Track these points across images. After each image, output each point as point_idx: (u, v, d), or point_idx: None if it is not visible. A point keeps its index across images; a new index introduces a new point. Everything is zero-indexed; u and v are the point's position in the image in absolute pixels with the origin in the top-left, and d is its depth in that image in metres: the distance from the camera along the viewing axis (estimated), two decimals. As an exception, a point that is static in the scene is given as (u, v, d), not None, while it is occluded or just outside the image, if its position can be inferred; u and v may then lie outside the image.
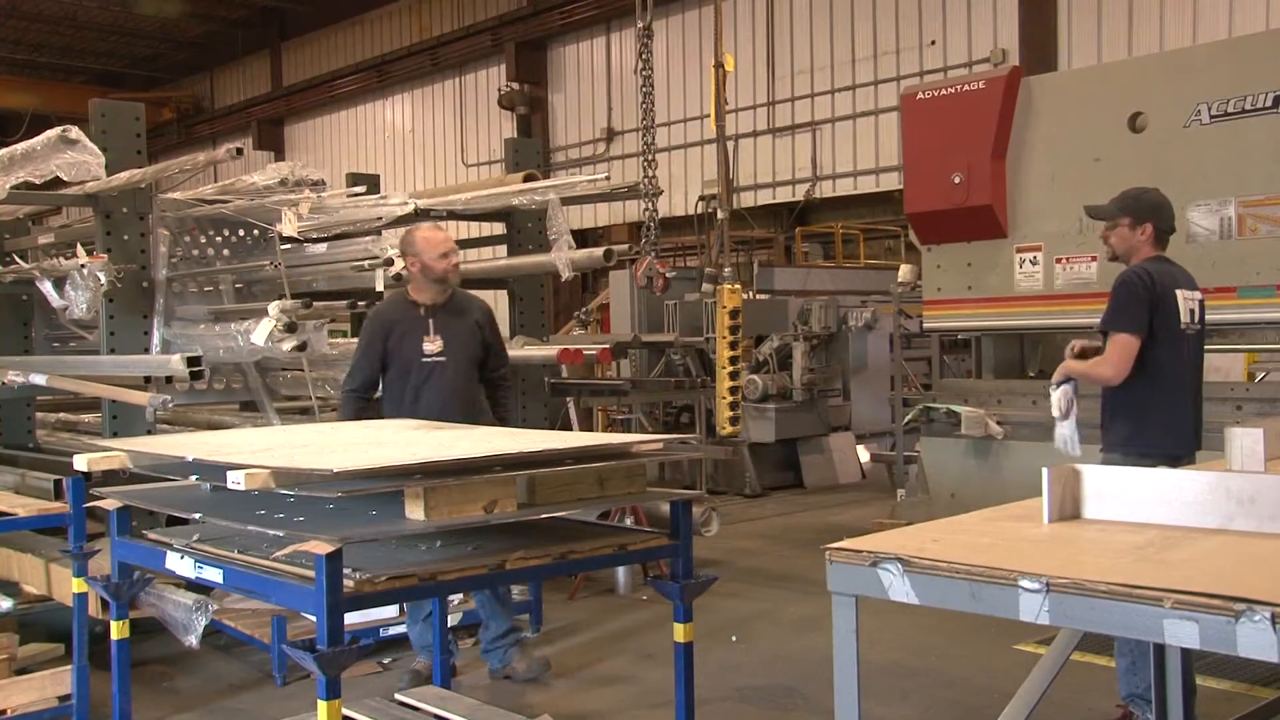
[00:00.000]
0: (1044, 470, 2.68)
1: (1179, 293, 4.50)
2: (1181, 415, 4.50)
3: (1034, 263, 6.87)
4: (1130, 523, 2.62)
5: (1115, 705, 4.60)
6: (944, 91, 7.26)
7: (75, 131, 5.41)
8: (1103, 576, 2.04)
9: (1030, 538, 2.54)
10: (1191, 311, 4.54)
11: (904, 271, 9.43)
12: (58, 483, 5.90)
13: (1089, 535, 2.55)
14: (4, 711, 4.80)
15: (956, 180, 6.99)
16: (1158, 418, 4.43)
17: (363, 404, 5.09)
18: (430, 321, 5.13)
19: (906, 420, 8.63)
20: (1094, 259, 6.54)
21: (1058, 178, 6.78)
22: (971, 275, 7.16)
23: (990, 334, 7.31)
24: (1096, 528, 2.62)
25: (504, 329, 8.12)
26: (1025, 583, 2.08)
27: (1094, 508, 2.71)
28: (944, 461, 7.30)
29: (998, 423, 6.97)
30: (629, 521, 6.49)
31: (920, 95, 7.39)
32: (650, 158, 9.19)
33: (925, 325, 7.72)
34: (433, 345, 5.10)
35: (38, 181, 5.57)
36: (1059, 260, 6.76)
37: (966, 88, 7.14)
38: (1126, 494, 2.67)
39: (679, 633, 3.55)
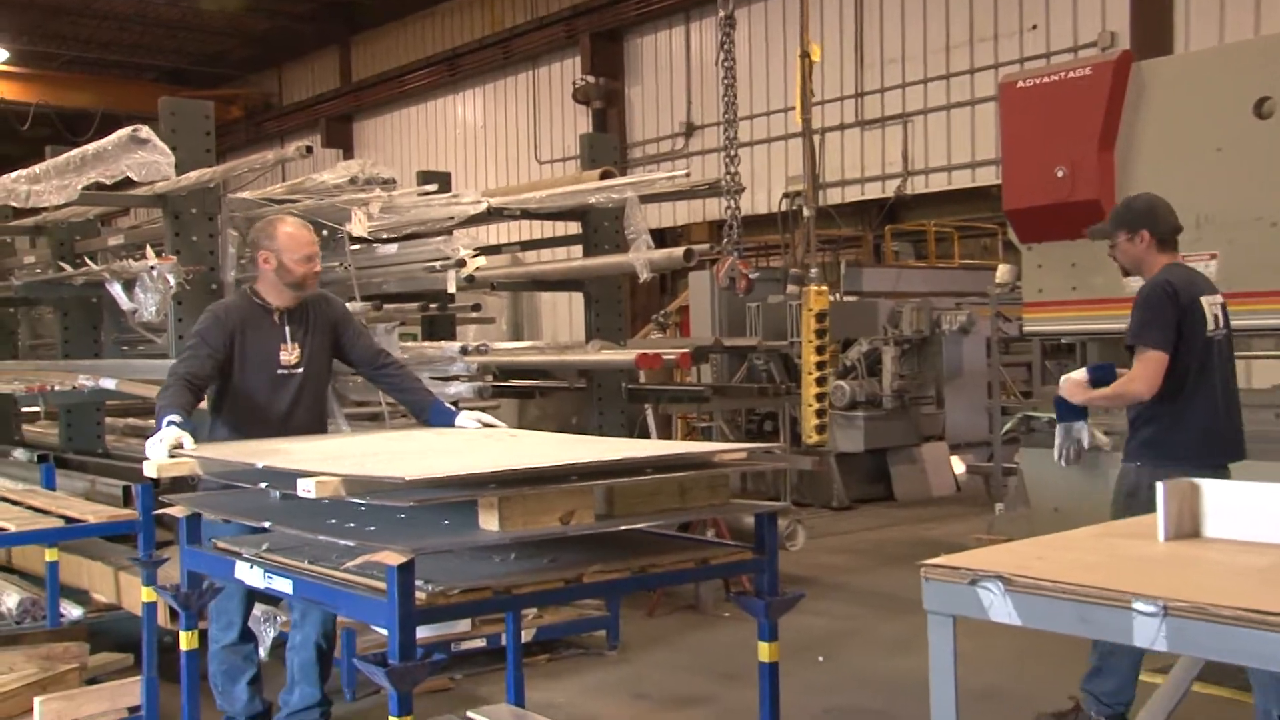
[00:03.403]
0: (1159, 484, 2.62)
1: (1203, 299, 4.58)
2: (1214, 423, 4.56)
3: (1145, 262, 6.73)
4: (1254, 543, 2.55)
5: (1069, 696, 4.78)
6: (1046, 79, 7.15)
7: (146, 131, 5.55)
8: (1227, 600, 1.98)
9: (1144, 556, 2.48)
10: (1216, 317, 4.62)
11: (1002, 272, 9.30)
12: (126, 489, 6.05)
13: (1209, 555, 2.49)
14: (73, 722, 4.92)
15: (1060, 174, 6.88)
16: (1188, 427, 4.51)
17: (195, 394, 4.40)
18: (286, 329, 4.65)
19: (1005, 429, 8.49)
20: (1213, 256, 6.39)
21: (1173, 170, 6.63)
22: (1076, 275, 7.04)
23: (1096, 338, 7.18)
24: (1217, 547, 2.55)
25: (579, 332, 8.18)
26: (1140, 605, 2.03)
27: (1214, 525, 2.64)
28: (1046, 474, 7.17)
29: (1105, 433, 6.82)
30: (710, 534, 6.48)
31: (1020, 83, 7.28)
32: (732, 153, 9.16)
33: (1025, 329, 7.62)
34: (289, 355, 4.64)
35: (108, 182, 5.72)
36: (1174, 259, 6.61)
37: (1071, 74, 7.02)
38: (1250, 511, 2.60)
39: (763, 652, 3.52)
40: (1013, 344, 11.98)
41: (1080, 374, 4.82)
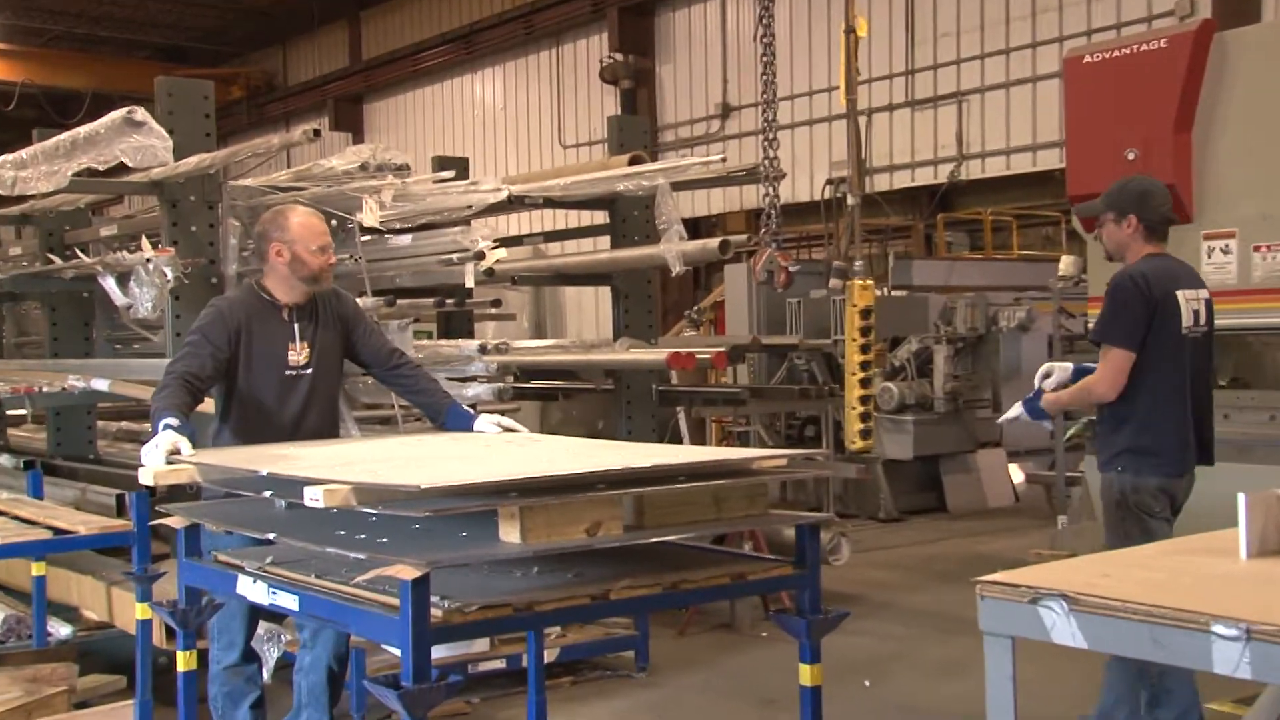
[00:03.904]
0: (1240, 496, 2.60)
1: (1180, 294, 4.62)
2: (1184, 426, 4.63)
3: (1225, 251, 6.67)
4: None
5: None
6: (1117, 53, 7.09)
7: (141, 113, 5.58)
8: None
9: (1224, 575, 2.46)
10: (1196, 313, 4.66)
11: (1065, 264, 9.26)
12: (120, 498, 6.10)
13: (1297, 573, 2.47)
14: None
15: (1131, 157, 6.83)
16: (1161, 430, 4.58)
17: (194, 395, 4.38)
18: (295, 327, 4.64)
19: (1068, 435, 8.44)
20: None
21: (1259, 151, 6.56)
22: (1147, 268, 6.99)
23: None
24: (1305, 564, 2.53)
25: (606, 330, 8.18)
26: (1220, 628, 2.01)
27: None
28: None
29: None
30: (747, 548, 6.47)
31: (1088, 58, 7.23)
32: (771, 136, 9.17)
33: (1090, 326, 7.56)
34: (299, 355, 4.63)
35: (100, 168, 5.76)
36: (1257, 248, 6.55)
37: (1145, 47, 6.96)
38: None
39: (805, 675, 3.52)
40: (1077, 342, 11.88)
41: (1055, 372, 4.96)
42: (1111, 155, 6.92)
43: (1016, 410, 5.05)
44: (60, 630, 5.99)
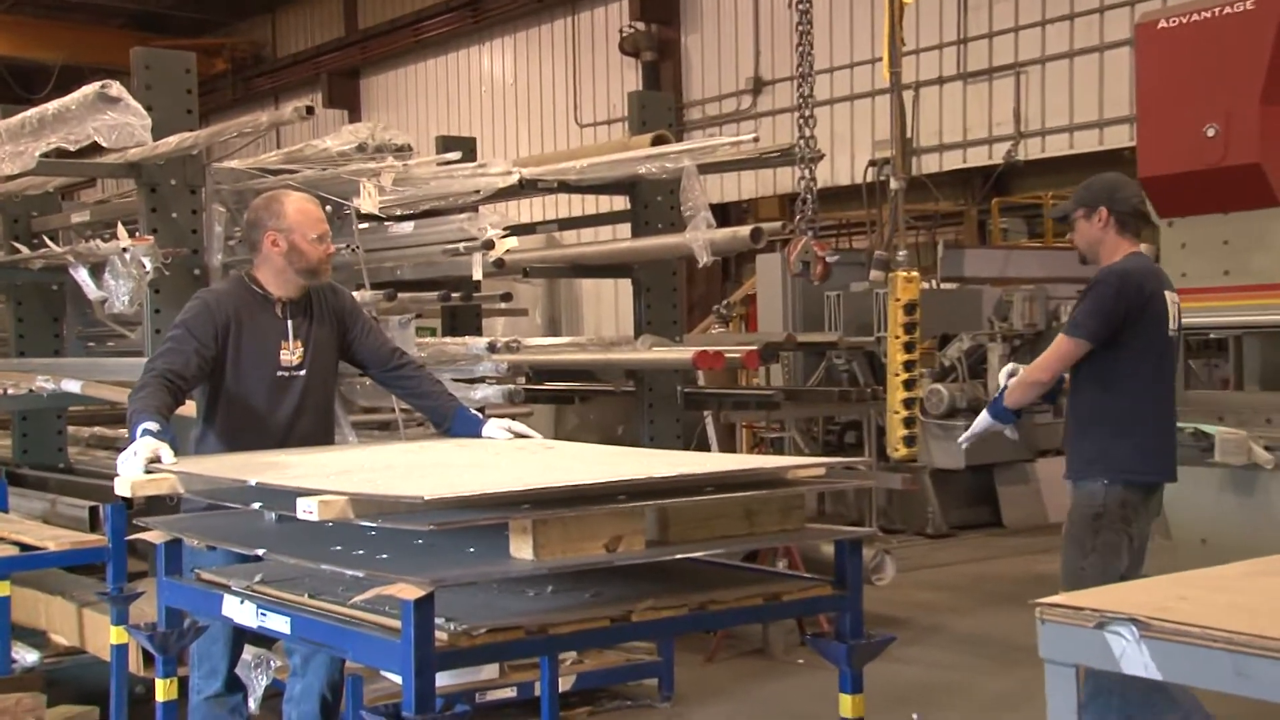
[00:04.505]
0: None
1: (1167, 295, 4.87)
2: (1169, 434, 4.93)
3: (1319, 237, 6.66)
4: None
5: None
6: (1195, 16, 7.05)
7: (116, 88, 5.60)
8: None
9: (1315, 598, 2.45)
10: (1174, 316, 4.91)
11: (1135, 253, 9.22)
12: (94, 510, 6.13)
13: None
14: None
15: (1210, 133, 6.80)
16: (1144, 432, 4.78)
17: (175, 396, 4.35)
18: (289, 324, 4.64)
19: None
20: None
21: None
22: (1230, 256, 6.96)
23: (1255, 332, 7.10)
24: None
25: (626, 326, 8.18)
26: (1317, 659, 2.00)
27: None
28: (1192, 497, 7.07)
29: (1265, 448, 6.75)
30: (781, 566, 6.47)
31: (1163, 23, 7.20)
32: (808, 113, 9.13)
33: (1166, 322, 7.55)
34: (292, 355, 4.63)
35: (71, 148, 5.78)
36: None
37: (1228, 9, 6.92)
38: None
39: (846, 706, 3.52)
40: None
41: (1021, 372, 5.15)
42: (1189, 131, 6.89)
43: (981, 423, 5.17)
44: (26, 657, 6.00)
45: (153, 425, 4.02)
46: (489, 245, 5.99)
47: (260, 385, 4.61)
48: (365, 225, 6.46)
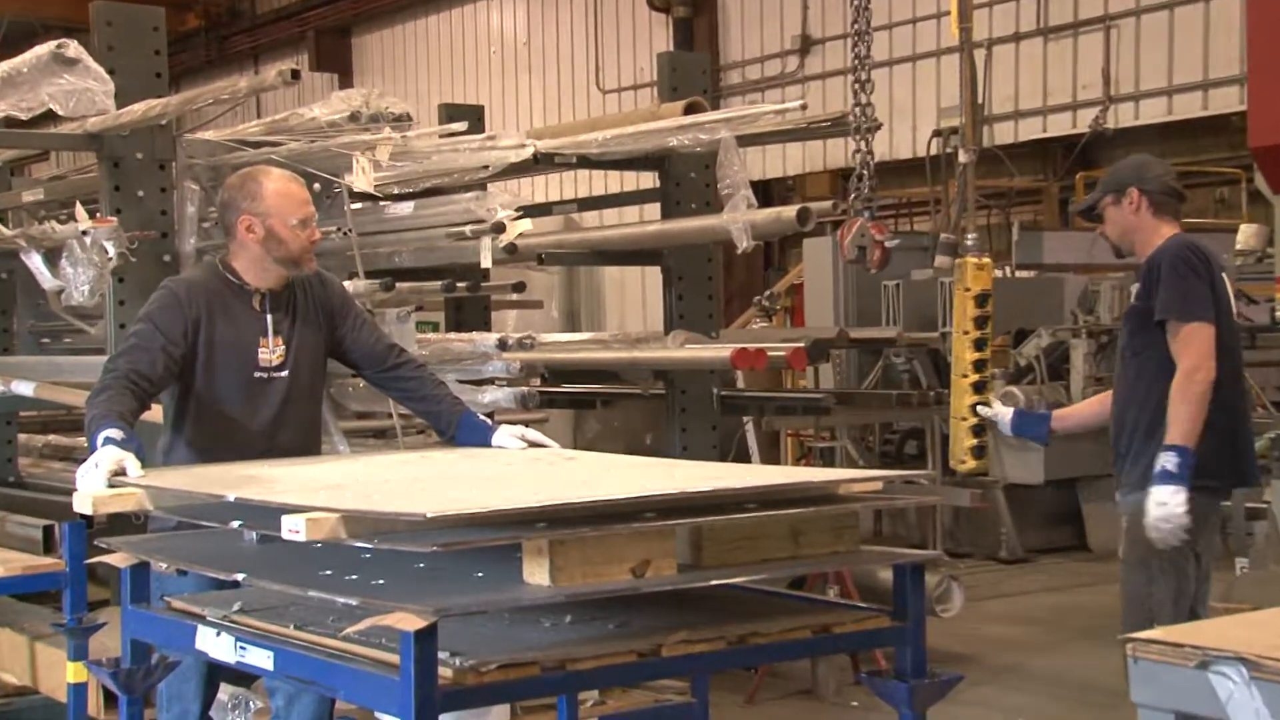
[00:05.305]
0: None
1: (1225, 277, 4.88)
2: (1246, 432, 4.93)
3: None
4: None
5: None
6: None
7: (74, 48, 5.64)
8: None
9: None
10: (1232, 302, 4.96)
11: (1245, 234, 9.22)
12: (48, 530, 6.15)
13: None
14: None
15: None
16: (1217, 438, 4.72)
17: (140, 400, 4.37)
18: (269, 318, 4.65)
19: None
20: None
21: None
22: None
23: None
24: None
25: (655, 321, 8.19)
26: None
27: None
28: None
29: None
30: (833, 593, 6.47)
31: (1278, -31, 7.20)
32: (864, 77, 9.12)
33: (1280, 313, 7.55)
34: (272, 353, 4.64)
35: (23, 116, 5.82)
36: None
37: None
38: None
39: (907, 755, 3.52)
40: (1260, 335, 11.79)
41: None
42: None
43: (1169, 495, 4.81)
44: (-30, 697, 6.06)
45: (116, 433, 4.03)
46: (499, 228, 6.00)
47: (236, 388, 4.61)
48: (359, 206, 6.48)
